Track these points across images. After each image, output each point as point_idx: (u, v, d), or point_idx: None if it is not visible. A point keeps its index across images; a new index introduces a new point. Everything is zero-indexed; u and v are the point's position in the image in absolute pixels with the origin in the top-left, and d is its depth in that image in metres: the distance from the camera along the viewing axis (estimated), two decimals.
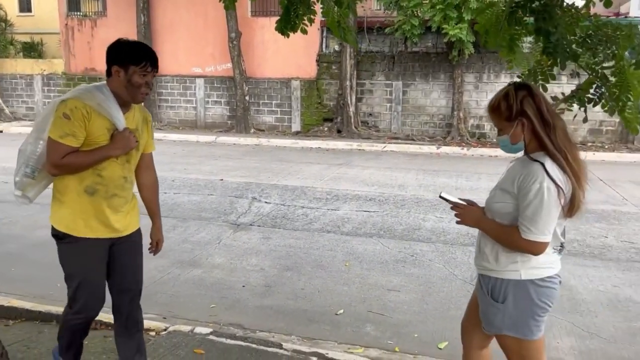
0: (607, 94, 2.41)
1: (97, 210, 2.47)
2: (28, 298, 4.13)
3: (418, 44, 14.28)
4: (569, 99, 2.66)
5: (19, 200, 2.54)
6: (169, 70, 16.58)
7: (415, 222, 6.51)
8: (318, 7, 3.39)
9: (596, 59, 2.40)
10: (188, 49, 16.34)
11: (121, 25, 16.75)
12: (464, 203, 2.29)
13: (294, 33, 3.35)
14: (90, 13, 17.56)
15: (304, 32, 3.37)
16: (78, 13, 17.55)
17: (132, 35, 16.29)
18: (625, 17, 13.99)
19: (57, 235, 2.49)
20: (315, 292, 4.41)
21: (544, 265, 2.12)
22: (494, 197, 2.19)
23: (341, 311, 4.06)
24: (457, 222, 2.29)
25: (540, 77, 2.72)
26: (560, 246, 2.20)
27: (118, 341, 2.74)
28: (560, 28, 2.46)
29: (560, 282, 2.20)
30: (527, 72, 2.95)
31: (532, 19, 2.42)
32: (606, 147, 12.99)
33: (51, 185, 2.56)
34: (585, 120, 2.86)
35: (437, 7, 12.39)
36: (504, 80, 13.43)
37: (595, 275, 4.81)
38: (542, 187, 1.98)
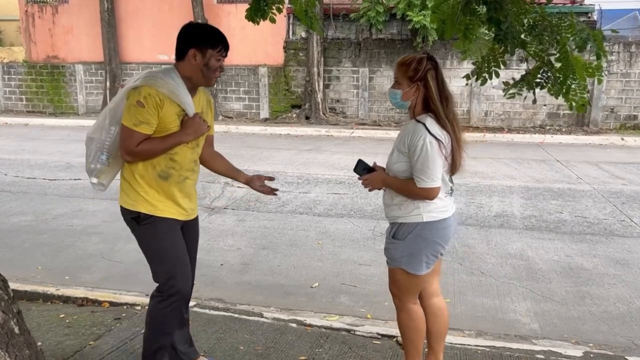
0: (552, 78, 2.70)
1: (171, 193, 2.51)
2: (11, 281, 4.24)
3: (383, 31, 14.54)
4: (518, 83, 2.94)
5: (96, 188, 2.58)
6: (134, 58, 16.43)
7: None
8: None
9: (542, 46, 2.68)
10: (153, 35, 16.20)
11: (84, 12, 16.50)
12: (371, 167, 2.63)
13: (263, 21, 3.53)
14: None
15: (273, 21, 3.53)
16: (39, 0, 17.16)
17: (95, 22, 16.11)
18: (581, 4, 14.56)
19: (137, 218, 2.48)
20: (290, 268, 4.65)
21: (441, 209, 2.49)
22: (393, 159, 2.51)
23: (316, 284, 4.32)
24: (368, 190, 2.65)
25: (492, 64, 2.99)
26: (451, 190, 2.56)
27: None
28: (510, 17, 2.73)
29: (453, 225, 2.59)
30: (480, 60, 3.22)
31: (484, 9, 2.68)
32: (563, 130, 13.56)
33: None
34: (534, 102, 3.15)
35: None
36: (466, 67, 13.84)
37: (550, 247, 5.18)
38: (425, 142, 2.36)
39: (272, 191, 2.84)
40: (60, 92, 17.15)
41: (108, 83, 16.14)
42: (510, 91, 2.98)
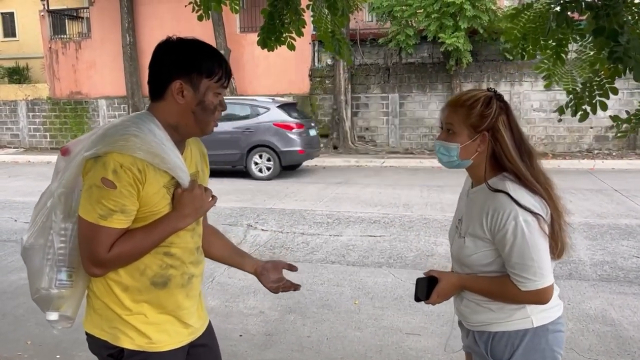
0: None
1: (172, 306, 1.68)
2: None
3: (413, 55, 13.87)
4: (633, 119, 2.14)
5: (58, 326, 1.71)
6: None
7: (427, 246, 5.98)
8: (308, 16, 2.89)
9: None
10: None
11: (106, 47, 16.31)
12: (432, 278, 1.81)
13: (278, 47, 2.83)
14: (74, 35, 17.08)
15: (291, 47, 2.84)
16: (63, 36, 17.08)
17: (117, 56, 15.87)
18: None
19: (117, 355, 1.66)
20: (323, 340, 3.85)
21: (553, 304, 1.72)
22: (465, 249, 1.72)
23: None
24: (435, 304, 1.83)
25: (596, 92, 2.20)
26: None
27: None
28: (627, 27, 1.95)
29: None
30: (572, 89, 2.43)
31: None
32: (614, 154, 12.53)
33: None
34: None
35: (432, 16, 12.00)
36: (504, 89, 13.00)
37: (638, 306, 4.27)
38: (519, 222, 1.58)
39: (293, 287, 1.96)
40: (83, 127, 16.90)
41: None
42: (621, 130, 2.19)
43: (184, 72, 1.57)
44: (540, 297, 1.62)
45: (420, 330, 3.94)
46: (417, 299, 1.83)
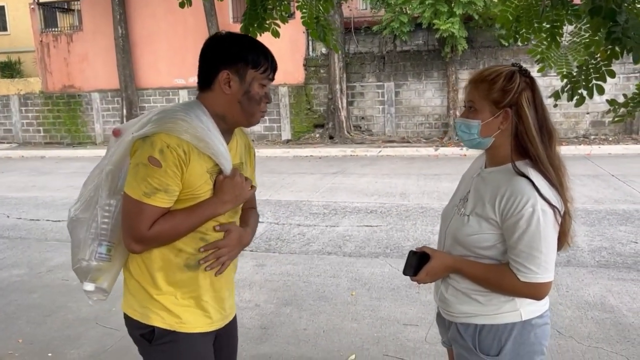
0: None
1: (204, 290, 1.70)
2: None
3: (408, 42, 13.75)
4: (630, 103, 2.07)
5: (94, 297, 1.74)
6: (151, 83, 15.97)
7: (424, 235, 5.93)
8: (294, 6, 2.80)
9: None
10: (169, 59, 15.71)
11: (98, 39, 16.12)
12: (422, 254, 1.71)
13: (261, 34, 2.74)
14: (66, 28, 16.88)
15: (276, 34, 2.75)
16: (54, 29, 16.87)
17: (110, 48, 15.70)
18: None
19: (150, 335, 1.68)
20: (320, 333, 3.80)
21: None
22: (467, 227, 1.62)
23: (352, 357, 3.45)
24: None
25: (593, 76, 2.12)
26: None
27: None
28: (625, 6, 1.88)
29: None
30: (567, 73, 2.36)
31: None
32: (610, 139, 12.48)
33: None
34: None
35: (427, 2, 11.86)
36: None
37: (637, 292, 4.22)
38: (537, 211, 1.50)
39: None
40: (77, 121, 16.76)
41: (125, 110, 15.69)
42: (618, 114, 2.12)
43: (231, 63, 1.62)
44: (538, 291, 1.55)
45: (417, 321, 3.89)
46: (406, 273, 1.74)
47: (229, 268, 1.75)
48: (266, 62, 1.66)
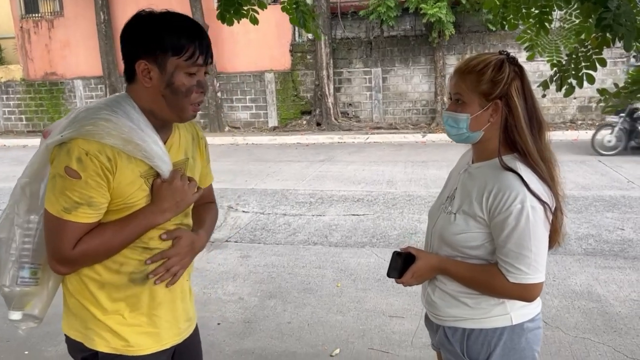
0: None
1: (154, 305, 1.52)
2: None
3: (395, 27, 13.59)
4: (626, 90, 2.00)
5: (22, 326, 1.57)
6: None
7: (410, 224, 5.87)
8: None
9: None
10: None
11: (80, 25, 15.78)
12: (408, 254, 1.63)
13: (239, 21, 2.62)
14: (47, 13, 16.50)
15: (254, 21, 2.63)
16: (34, 15, 16.47)
17: (92, 34, 15.37)
18: None
19: (91, 359, 1.52)
20: (304, 327, 3.73)
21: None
22: (454, 226, 1.55)
23: (337, 351, 3.39)
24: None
25: (583, 64, 2.04)
26: None
27: None
28: None
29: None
30: (557, 61, 2.28)
31: None
32: (597, 124, 12.47)
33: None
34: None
35: None
36: None
37: (623, 280, 4.20)
38: (526, 208, 1.42)
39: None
40: (60, 109, 16.44)
41: None
42: (609, 104, 2.05)
43: (148, 51, 1.39)
44: (529, 292, 1.48)
45: (403, 313, 3.84)
46: (390, 275, 1.65)
47: (182, 277, 1.57)
48: (191, 45, 1.39)
